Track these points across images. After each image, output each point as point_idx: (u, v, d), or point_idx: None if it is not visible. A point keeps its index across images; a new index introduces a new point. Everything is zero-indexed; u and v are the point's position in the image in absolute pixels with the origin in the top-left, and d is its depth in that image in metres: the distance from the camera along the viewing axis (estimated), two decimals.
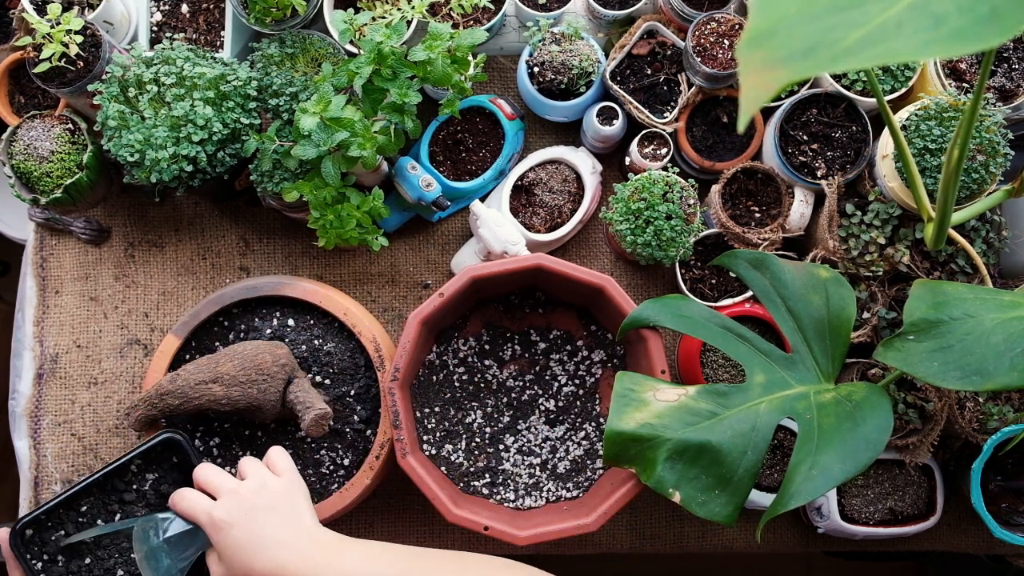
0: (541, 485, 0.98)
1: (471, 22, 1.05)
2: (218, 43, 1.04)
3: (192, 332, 0.96)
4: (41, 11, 0.99)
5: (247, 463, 0.81)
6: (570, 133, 1.11)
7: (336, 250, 1.10)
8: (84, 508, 0.87)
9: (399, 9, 0.95)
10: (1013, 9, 0.38)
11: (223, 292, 0.96)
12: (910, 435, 0.98)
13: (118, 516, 0.88)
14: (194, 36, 1.04)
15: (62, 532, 0.86)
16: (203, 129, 0.91)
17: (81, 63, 0.95)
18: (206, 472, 0.81)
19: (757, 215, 1.04)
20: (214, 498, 0.78)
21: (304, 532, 0.77)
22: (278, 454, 0.83)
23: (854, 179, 1.01)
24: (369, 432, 0.96)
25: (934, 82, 0.98)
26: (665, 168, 1.04)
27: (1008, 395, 0.99)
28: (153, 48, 1.01)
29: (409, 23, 0.97)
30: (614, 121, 1.03)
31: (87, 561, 0.87)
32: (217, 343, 0.97)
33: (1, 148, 1.00)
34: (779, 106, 1.01)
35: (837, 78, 1.00)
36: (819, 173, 1.00)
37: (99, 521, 0.88)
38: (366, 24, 0.93)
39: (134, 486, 0.89)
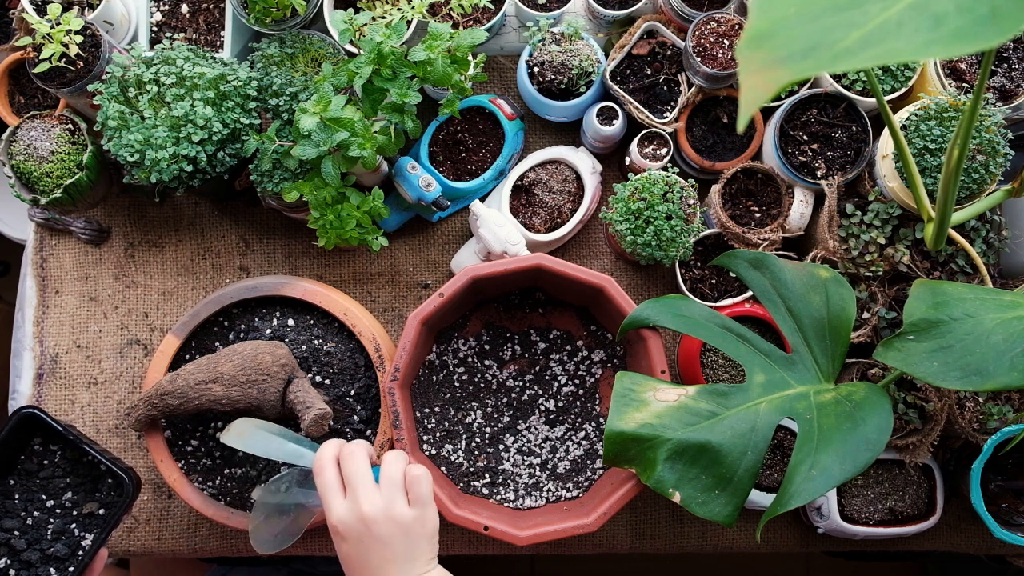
0: (541, 485, 0.98)
1: (471, 22, 1.05)
2: (218, 43, 1.04)
3: (192, 332, 0.96)
4: (41, 11, 0.99)
5: (390, 469, 0.78)
6: (570, 133, 1.11)
7: (336, 250, 1.10)
8: (16, 497, 0.89)
9: (399, 9, 0.95)
10: (1013, 9, 0.38)
11: (223, 292, 0.96)
12: (910, 435, 0.98)
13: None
14: (194, 36, 1.04)
15: None
16: (203, 129, 0.91)
17: (81, 63, 0.95)
18: (351, 466, 0.78)
19: (757, 215, 1.04)
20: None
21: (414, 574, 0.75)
22: (422, 479, 0.78)
23: (854, 179, 1.01)
24: (369, 432, 0.96)
25: (934, 82, 0.98)
26: (665, 168, 1.04)
27: (1008, 395, 0.99)
28: (153, 48, 1.01)
29: (409, 23, 0.97)
30: (614, 121, 1.03)
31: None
32: (217, 343, 0.97)
33: (1, 148, 1.00)
34: (779, 106, 1.01)
35: (837, 78, 1.00)
36: (819, 173, 1.00)
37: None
38: (366, 24, 0.93)
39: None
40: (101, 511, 0.88)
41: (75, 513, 0.89)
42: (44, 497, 0.89)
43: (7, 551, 0.87)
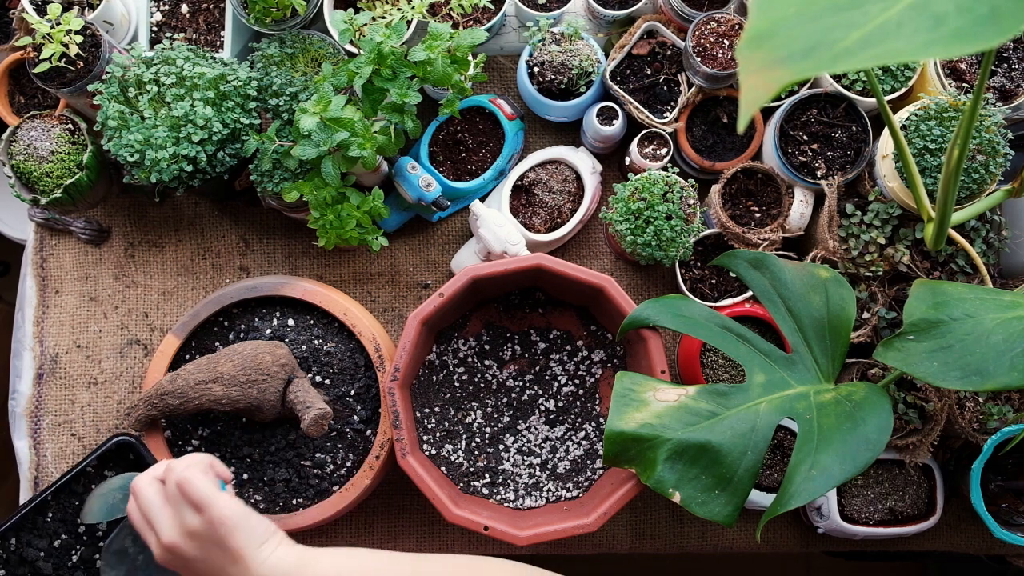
0: (541, 485, 0.98)
1: (471, 22, 1.05)
2: (218, 43, 1.04)
3: (192, 332, 0.96)
4: (41, 11, 0.99)
5: (151, 505, 0.71)
6: (570, 133, 1.11)
7: (336, 250, 1.10)
8: (50, 515, 0.89)
9: (399, 9, 0.95)
10: (1013, 9, 0.38)
11: (223, 292, 0.96)
12: (910, 435, 0.98)
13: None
14: (194, 36, 1.04)
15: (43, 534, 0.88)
16: (203, 129, 0.91)
17: (81, 63, 0.95)
18: (138, 496, 0.73)
19: (757, 215, 1.04)
20: None
21: (251, 566, 0.68)
22: (189, 483, 0.70)
23: (854, 179, 1.01)
24: (369, 432, 0.96)
25: (934, 82, 0.98)
26: (665, 168, 1.04)
27: (1008, 395, 0.99)
28: (153, 48, 1.01)
29: (409, 23, 0.97)
30: (614, 121, 1.03)
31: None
32: (217, 343, 0.97)
33: (1, 148, 1.00)
34: (779, 106, 1.01)
35: (837, 78, 1.00)
36: (819, 173, 1.00)
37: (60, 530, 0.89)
38: (366, 24, 0.93)
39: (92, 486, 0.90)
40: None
41: (101, 546, 0.87)
42: (77, 522, 0.89)
43: (30, 571, 0.87)
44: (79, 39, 0.94)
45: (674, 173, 1.02)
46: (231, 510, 0.69)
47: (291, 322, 0.97)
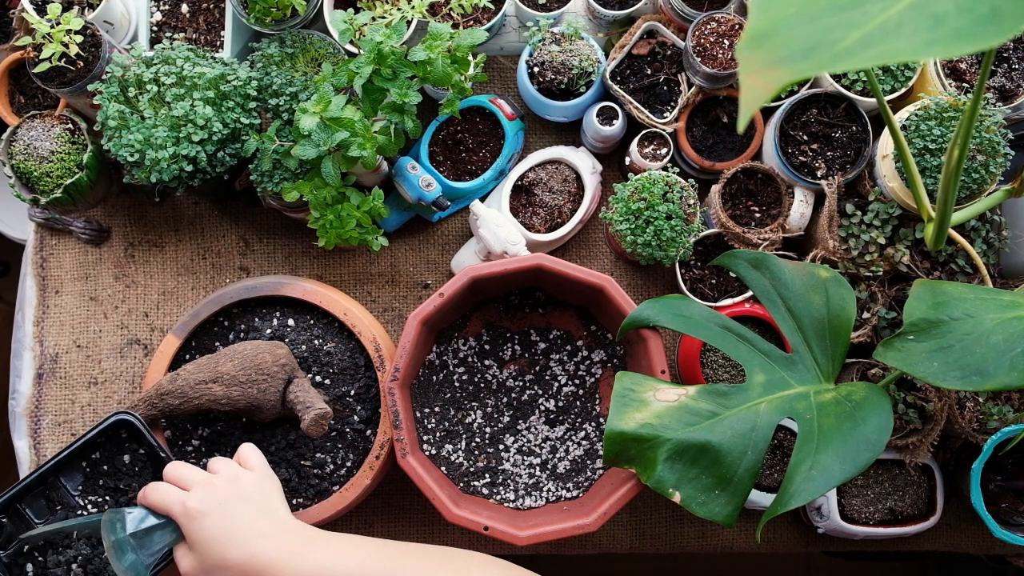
0: (541, 485, 0.98)
1: (471, 22, 1.05)
2: (218, 43, 1.04)
3: (192, 332, 0.96)
4: (41, 11, 0.99)
5: (217, 460, 0.82)
6: (570, 133, 1.11)
7: (336, 250, 1.10)
8: (42, 501, 0.88)
9: (399, 9, 0.95)
10: (1013, 9, 0.38)
11: (223, 292, 0.96)
12: (910, 435, 0.98)
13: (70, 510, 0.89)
14: (194, 36, 1.04)
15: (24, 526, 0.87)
16: (203, 129, 0.91)
17: (81, 63, 0.95)
18: (177, 468, 0.81)
19: (757, 215, 1.04)
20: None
21: (278, 523, 0.77)
22: (249, 450, 0.83)
23: (854, 179, 1.01)
24: (369, 432, 0.96)
25: (934, 82, 0.98)
26: (665, 168, 1.04)
27: (1008, 395, 0.99)
28: (153, 48, 1.01)
29: (409, 23, 0.97)
30: (614, 121, 1.03)
31: (50, 555, 0.87)
32: (217, 343, 0.97)
33: (1, 148, 1.00)
34: (779, 106, 1.01)
35: (837, 78, 1.00)
36: (819, 173, 1.00)
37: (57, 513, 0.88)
38: (366, 24, 0.93)
39: (86, 479, 0.89)
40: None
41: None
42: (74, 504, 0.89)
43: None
44: (79, 39, 0.94)
45: (674, 173, 1.02)
46: (278, 483, 0.82)
47: (291, 322, 0.97)
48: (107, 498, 0.90)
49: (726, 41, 0.98)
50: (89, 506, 0.90)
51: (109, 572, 0.86)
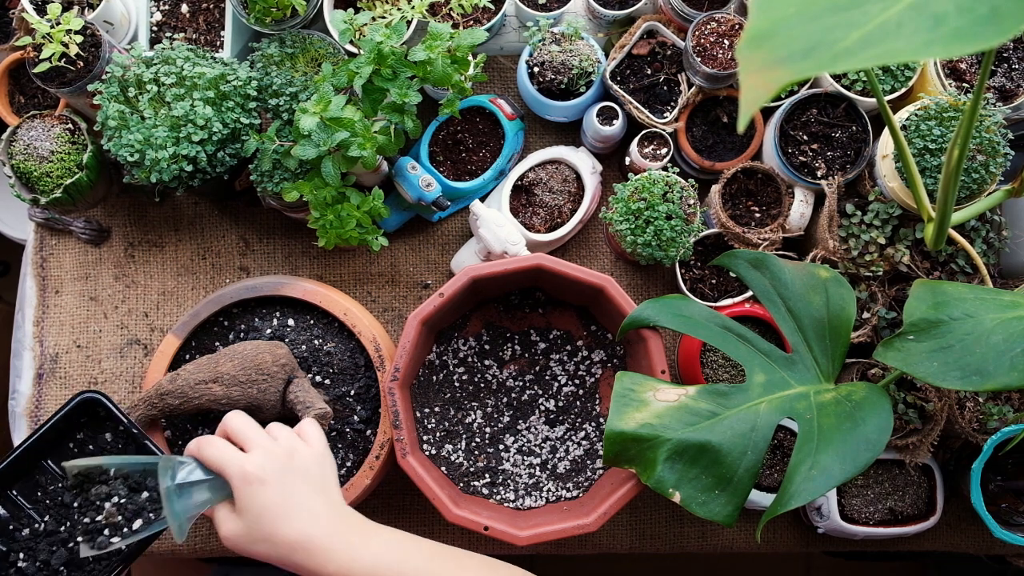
0: (541, 485, 0.98)
1: (471, 22, 1.05)
2: (218, 43, 1.04)
3: (192, 332, 0.96)
4: (41, 11, 0.99)
5: (278, 427, 0.78)
6: (570, 133, 1.11)
7: (336, 250, 1.10)
8: (33, 486, 0.87)
9: (399, 9, 0.95)
10: (1013, 9, 0.38)
11: (223, 292, 0.96)
12: (910, 435, 0.98)
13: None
14: (194, 36, 1.04)
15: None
16: (203, 129, 0.91)
17: (81, 63, 0.95)
18: (237, 420, 0.77)
19: (757, 215, 1.04)
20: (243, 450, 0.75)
21: (333, 506, 0.74)
22: (311, 425, 0.80)
23: (854, 179, 1.01)
24: (369, 432, 0.96)
25: (934, 82, 0.98)
26: (665, 168, 1.04)
27: (1008, 395, 0.99)
28: (153, 48, 1.01)
29: (409, 23, 0.97)
30: (614, 121, 1.03)
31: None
32: (217, 343, 0.97)
33: (1, 148, 1.00)
34: (779, 106, 1.01)
35: (837, 78, 1.00)
36: (819, 173, 1.00)
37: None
38: (366, 24, 0.93)
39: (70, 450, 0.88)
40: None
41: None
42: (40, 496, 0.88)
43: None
44: (79, 39, 0.94)
45: (674, 173, 1.02)
46: (332, 457, 0.79)
47: (291, 322, 0.97)
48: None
49: (726, 41, 0.98)
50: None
51: (146, 516, 0.84)
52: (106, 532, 0.80)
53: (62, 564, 0.83)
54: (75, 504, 0.83)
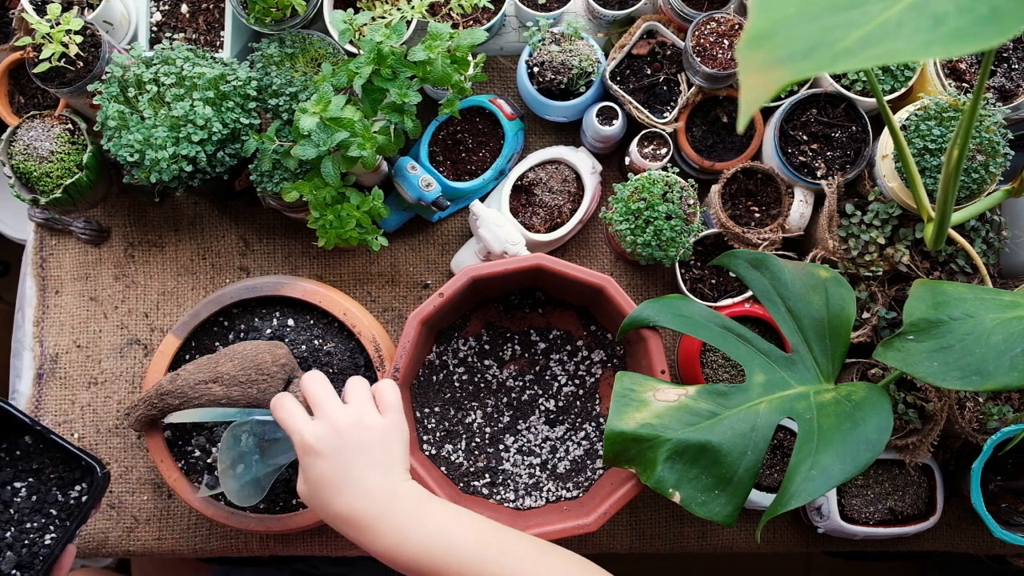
0: (541, 485, 0.98)
1: (471, 22, 1.05)
2: (218, 43, 1.04)
3: (192, 332, 0.96)
4: (41, 11, 0.99)
5: (355, 387, 0.78)
6: (570, 133, 1.11)
7: (336, 250, 1.10)
8: None
9: (399, 9, 0.95)
10: (1013, 9, 0.38)
11: (223, 292, 0.96)
12: (910, 435, 0.98)
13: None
14: (194, 36, 1.04)
15: None
16: (203, 129, 0.91)
17: (81, 63, 0.95)
18: (312, 383, 0.77)
19: (757, 215, 1.04)
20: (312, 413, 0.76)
21: (389, 484, 0.73)
22: (388, 388, 0.79)
23: (854, 179, 1.01)
24: None
25: (934, 82, 0.98)
26: (665, 168, 1.04)
27: (1008, 395, 0.99)
28: (153, 48, 1.01)
29: (409, 23, 0.97)
30: (614, 121, 1.03)
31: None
32: (217, 343, 0.97)
33: (1, 148, 1.00)
34: (779, 106, 1.01)
35: (837, 78, 1.00)
36: (819, 173, 1.00)
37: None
38: (366, 24, 0.93)
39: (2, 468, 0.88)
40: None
41: (39, 510, 0.87)
42: None
43: None
44: (79, 39, 0.94)
45: (674, 173, 1.02)
46: (407, 429, 0.78)
47: (291, 322, 0.97)
48: (30, 480, 0.88)
49: (726, 41, 0.98)
50: (23, 488, 0.88)
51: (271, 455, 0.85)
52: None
53: (13, 567, 0.84)
54: (22, 505, 0.84)
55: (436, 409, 0.99)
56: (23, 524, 0.86)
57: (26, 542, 0.85)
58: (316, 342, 0.97)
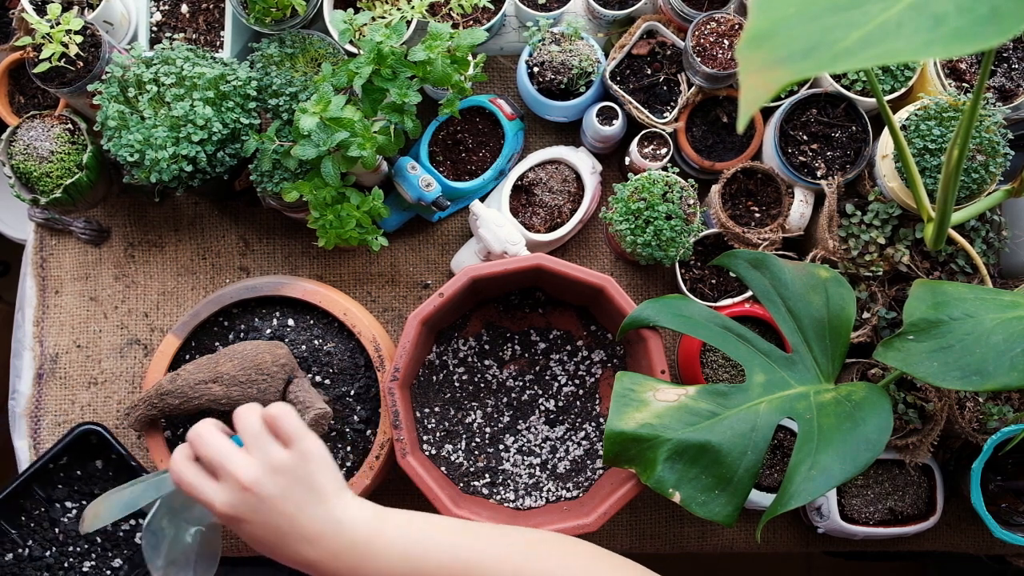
0: (541, 485, 0.98)
1: (471, 22, 1.05)
2: (218, 43, 1.04)
3: (192, 332, 0.96)
4: (41, 11, 0.99)
5: (247, 426, 0.69)
6: (570, 133, 1.11)
7: (336, 250, 1.10)
8: (17, 511, 0.89)
9: (399, 9, 0.95)
10: (1013, 9, 0.38)
11: (223, 292, 0.96)
12: (910, 435, 0.98)
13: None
14: (194, 36, 1.04)
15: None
16: (203, 129, 0.91)
17: (81, 63, 0.95)
18: (201, 441, 0.69)
19: (757, 215, 1.04)
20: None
21: (328, 519, 0.67)
22: (283, 415, 0.69)
23: (854, 179, 1.01)
24: (369, 432, 0.96)
25: (934, 82, 0.98)
26: (665, 168, 1.04)
27: (1008, 395, 0.99)
28: (153, 48, 1.01)
29: (409, 23, 0.97)
30: (614, 121, 1.03)
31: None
32: (217, 343, 0.97)
33: (1, 148, 1.00)
34: (779, 106, 1.01)
35: (837, 78, 1.00)
36: (819, 173, 1.00)
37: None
38: (366, 24, 0.93)
39: (60, 486, 0.90)
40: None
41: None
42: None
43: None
44: (79, 39, 0.94)
45: (674, 173, 1.02)
46: (320, 445, 0.69)
47: (291, 322, 0.97)
48: (83, 503, 0.90)
49: (726, 41, 0.98)
50: (74, 510, 0.90)
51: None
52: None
53: None
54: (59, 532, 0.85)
55: (436, 409, 0.99)
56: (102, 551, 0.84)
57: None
58: (316, 342, 0.97)
